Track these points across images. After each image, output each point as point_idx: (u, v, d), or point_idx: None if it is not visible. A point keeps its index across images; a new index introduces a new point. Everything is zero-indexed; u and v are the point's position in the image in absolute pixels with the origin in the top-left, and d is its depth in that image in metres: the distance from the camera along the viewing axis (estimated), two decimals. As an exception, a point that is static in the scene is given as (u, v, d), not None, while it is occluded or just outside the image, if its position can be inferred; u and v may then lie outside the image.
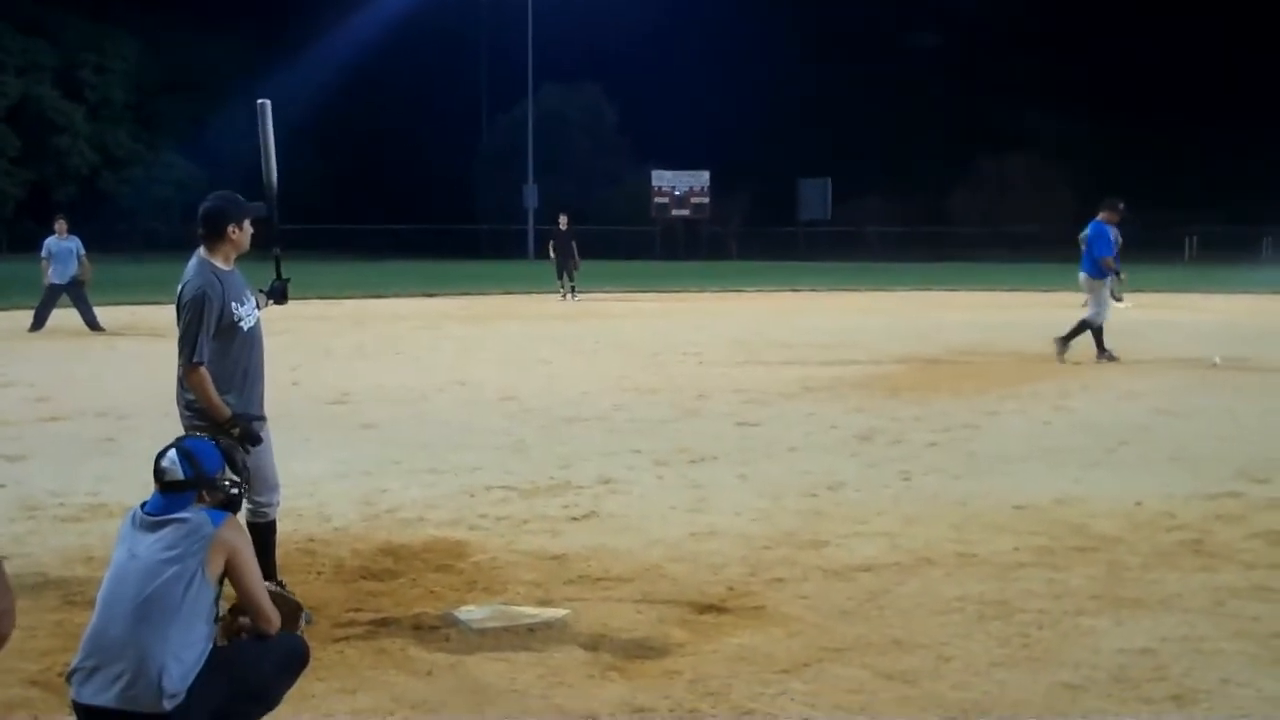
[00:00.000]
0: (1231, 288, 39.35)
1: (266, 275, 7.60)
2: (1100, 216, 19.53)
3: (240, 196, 7.09)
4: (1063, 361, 18.93)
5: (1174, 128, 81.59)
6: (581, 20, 77.79)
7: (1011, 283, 44.13)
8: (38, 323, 24.25)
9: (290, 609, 5.71)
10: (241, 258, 7.07)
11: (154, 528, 5.06)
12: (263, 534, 7.10)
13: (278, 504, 7.26)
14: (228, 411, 6.74)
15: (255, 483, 6.94)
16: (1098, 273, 19.37)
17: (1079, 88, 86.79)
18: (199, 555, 4.97)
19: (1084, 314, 19.50)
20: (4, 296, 30.60)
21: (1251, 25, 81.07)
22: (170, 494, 5.18)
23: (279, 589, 5.99)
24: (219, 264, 6.92)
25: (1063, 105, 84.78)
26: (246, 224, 6.99)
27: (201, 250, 6.95)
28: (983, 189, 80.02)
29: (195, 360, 6.71)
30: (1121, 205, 19.61)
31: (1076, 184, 68.26)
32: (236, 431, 6.62)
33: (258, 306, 7.26)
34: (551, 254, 38.03)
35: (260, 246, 7.34)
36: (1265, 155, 73.95)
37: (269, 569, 7.06)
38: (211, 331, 6.75)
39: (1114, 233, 19.45)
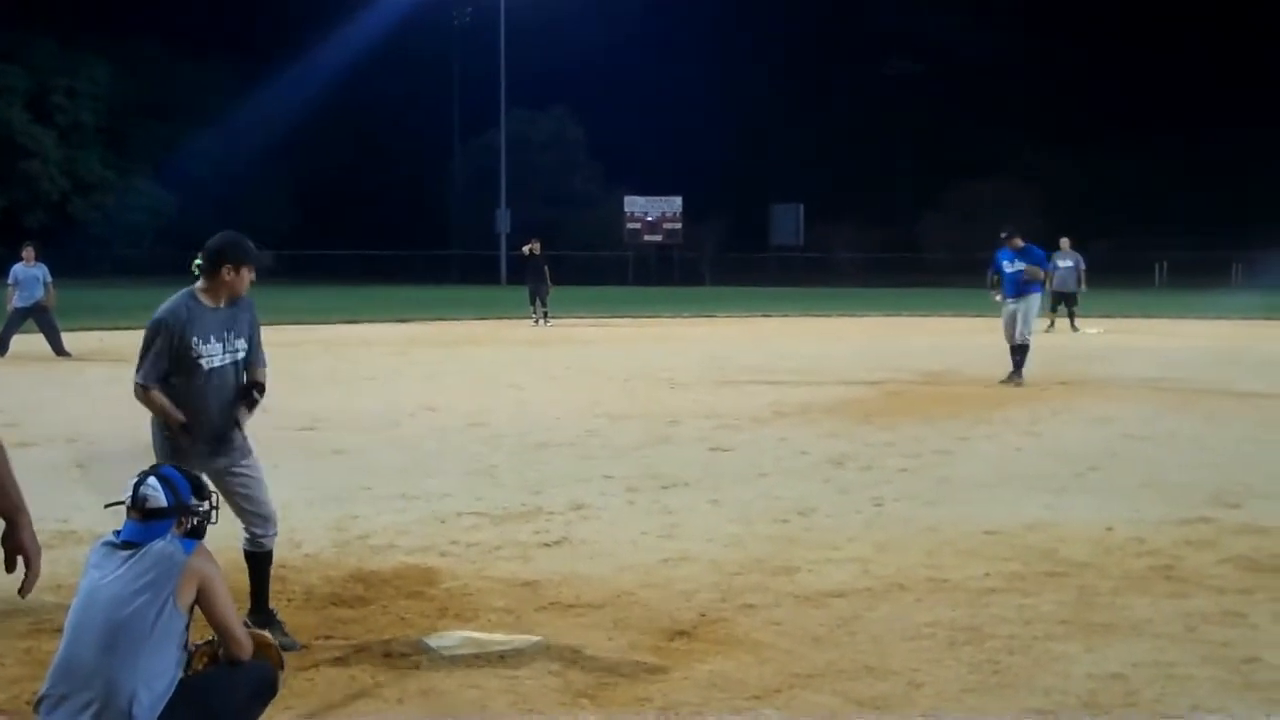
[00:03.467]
0: (1202, 313, 39.55)
1: None
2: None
3: (249, 242, 7.13)
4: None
5: (1144, 153, 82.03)
6: (553, 46, 78.02)
7: (981, 309, 44.09)
8: (1, 346, 24.12)
9: (276, 658, 5.70)
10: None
11: (126, 556, 5.04)
12: (259, 563, 7.23)
13: (274, 534, 7.31)
14: (181, 417, 6.82)
15: (251, 515, 7.10)
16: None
17: (1050, 115, 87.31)
18: (170, 583, 4.96)
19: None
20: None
21: (1222, 55, 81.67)
22: (150, 521, 5.16)
23: (269, 635, 6.00)
24: (204, 300, 6.96)
25: (1033, 132, 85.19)
26: (245, 270, 7.01)
27: (200, 283, 7.04)
28: (953, 215, 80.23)
29: (139, 382, 6.83)
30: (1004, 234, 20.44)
31: (1047, 211, 68.47)
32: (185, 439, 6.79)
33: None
34: (525, 251, 37.82)
35: None
36: (1235, 181, 74.44)
37: (263, 597, 7.18)
38: (164, 360, 6.80)
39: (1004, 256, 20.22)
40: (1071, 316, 32.96)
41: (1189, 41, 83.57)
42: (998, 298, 20.53)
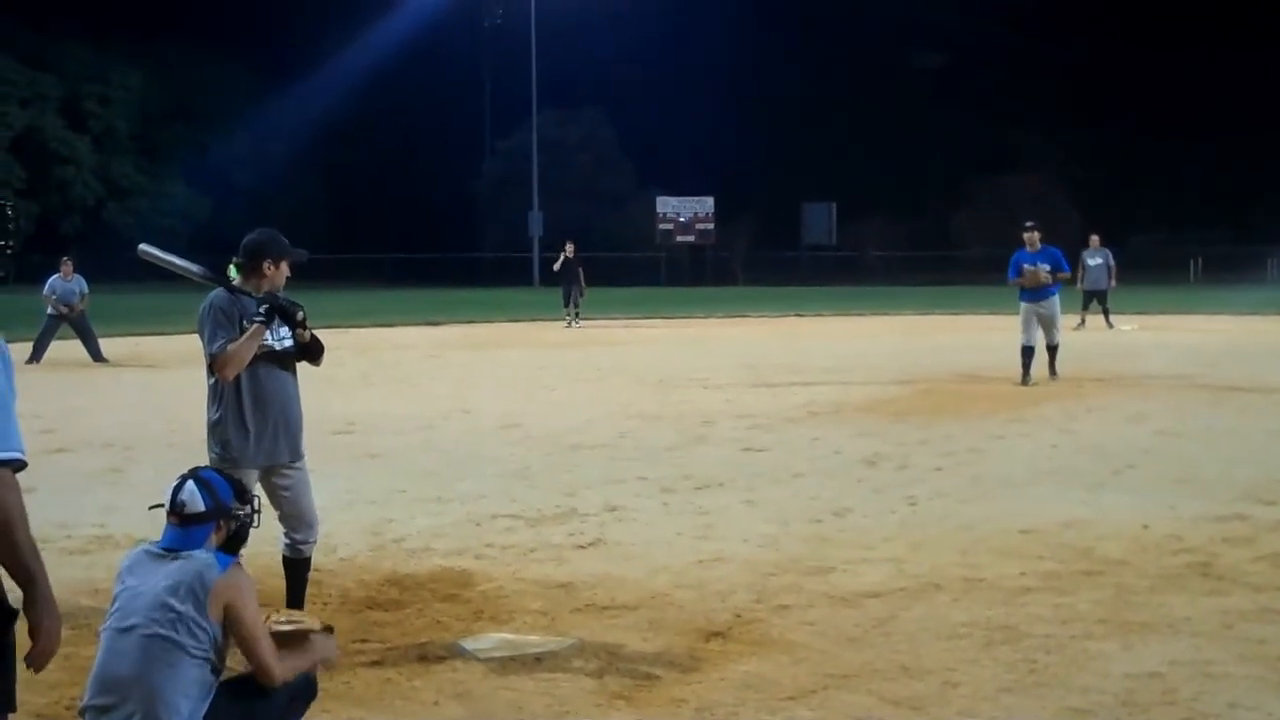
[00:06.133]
0: (1237, 308, 39.27)
1: None
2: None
3: (284, 238, 7.22)
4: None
5: (1179, 148, 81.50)
6: (585, 47, 78.02)
7: (1015, 306, 43.95)
8: (36, 354, 24.24)
9: (310, 648, 5.65)
10: None
11: (164, 562, 5.03)
12: (298, 570, 7.29)
13: (315, 541, 7.37)
14: (262, 308, 6.85)
15: (293, 520, 7.18)
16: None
17: (1082, 108, 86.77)
18: (202, 597, 4.95)
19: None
20: (6, 328, 30.50)
21: (1255, 44, 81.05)
22: (188, 526, 5.13)
23: (301, 627, 5.93)
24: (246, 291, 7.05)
25: (1066, 126, 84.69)
26: (284, 264, 7.11)
27: (237, 281, 7.13)
28: (986, 211, 79.86)
29: (212, 353, 6.81)
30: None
31: (1081, 205, 68.20)
32: (292, 310, 6.95)
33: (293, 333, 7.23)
34: (555, 266, 37.81)
35: None
36: (1271, 175, 73.85)
37: (299, 603, 7.22)
38: (229, 327, 6.83)
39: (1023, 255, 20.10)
40: (1106, 314, 32.76)
41: (1224, 36, 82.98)
42: (1045, 269, 19.99)
